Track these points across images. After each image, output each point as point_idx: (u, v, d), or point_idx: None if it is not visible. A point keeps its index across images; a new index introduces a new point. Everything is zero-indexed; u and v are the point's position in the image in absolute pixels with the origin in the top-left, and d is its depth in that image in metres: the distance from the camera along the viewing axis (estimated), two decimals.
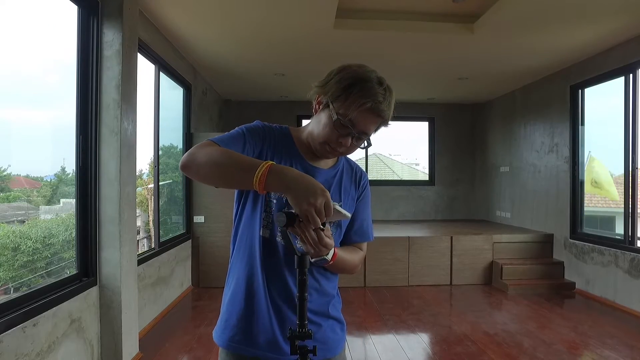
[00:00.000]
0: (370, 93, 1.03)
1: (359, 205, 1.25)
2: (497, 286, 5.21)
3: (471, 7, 3.79)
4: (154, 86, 4.10)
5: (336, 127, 1.05)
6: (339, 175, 1.21)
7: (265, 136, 1.13)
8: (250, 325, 1.11)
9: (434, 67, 5.29)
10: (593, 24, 3.81)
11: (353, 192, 1.24)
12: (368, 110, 1.03)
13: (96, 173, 2.79)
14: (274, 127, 1.18)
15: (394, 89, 1.11)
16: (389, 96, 1.06)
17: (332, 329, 1.20)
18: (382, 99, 1.04)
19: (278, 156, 1.13)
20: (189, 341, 3.45)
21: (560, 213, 5.27)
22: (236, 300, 1.13)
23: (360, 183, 1.26)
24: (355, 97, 1.03)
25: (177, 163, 5.05)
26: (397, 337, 3.59)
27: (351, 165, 1.28)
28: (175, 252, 4.54)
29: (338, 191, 1.20)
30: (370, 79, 1.05)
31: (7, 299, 2.08)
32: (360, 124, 1.05)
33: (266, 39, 4.24)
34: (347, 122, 1.04)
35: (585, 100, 5.02)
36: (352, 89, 1.04)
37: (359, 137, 1.07)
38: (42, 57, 2.71)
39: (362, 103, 1.02)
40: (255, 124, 1.15)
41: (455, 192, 7.75)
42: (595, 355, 3.20)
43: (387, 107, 1.05)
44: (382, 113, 1.05)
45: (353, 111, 1.03)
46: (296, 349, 0.94)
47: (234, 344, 1.12)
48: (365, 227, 1.27)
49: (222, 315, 1.17)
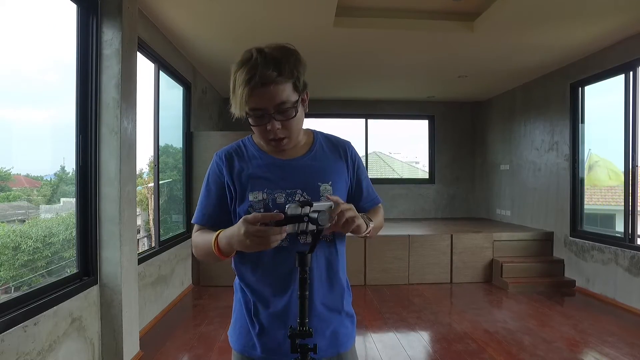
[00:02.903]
0: (240, 80, 1.03)
1: (357, 177, 1.24)
2: (497, 284, 5.22)
3: (471, 5, 3.79)
4: (153, 85, 4.10)
5: (251, 123, 1.08)
6: (317, 157, 1.19)
7: (222, 170, 1.17)
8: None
9: (434, 65, 5.28)
10: (593, 22, 3.81)
11: (343, 168, 1.22)
12: (250, 92, 1.02)
13: (96, 172, 2.79)
14: (233, 149, 1.20)
15: (393, 88, 1.10)
16: (260, 57, 1.03)
17: (344, 323, 1.20)
18: (252, 72, 1.01)
19: (246, 170, 1.15)
20: (189, 340, 3.46)
21: (561, 211, 5.28)
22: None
23: (348, 156, 1.24)
24: (237, 93, 1.04)
25: (176, 162, 5.05)
26: (398, 335, 3.60)
27: (331, 141, 1.26)
28: (176, 251, 4.54)
29: (324, 172, 1.17)
30: (237, 66, 1.06)
31: (8, 298, 2.08)
32: (258, 104, 1.04)
33: (266, 38, 4.19)
34: (250, 113, 1.06)
35: (585, 98, 5.02)
36: (233, 88, 1.06)
37: (274, 114, 1.05)
38: (41, 56, 2.70)
39: (241, 93, 1.03)
40: (212, 166, 1.20)
41: (455, 190, 7.75)
42: (596, 352, 3.21)
43: (264, 69, 1.01)
44: (263, 80, 1.01)
45: (244, 102, 1.03)
46: (296, 348, 0.94)
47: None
48: (372, 194, 1.28)
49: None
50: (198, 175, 5.14)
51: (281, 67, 1.03)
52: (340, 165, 1.21)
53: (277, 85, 1.03)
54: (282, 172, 1.15)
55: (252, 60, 1.03)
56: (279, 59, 1.04)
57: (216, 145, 5.12)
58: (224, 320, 3.89)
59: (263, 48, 1.06)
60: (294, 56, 1.08)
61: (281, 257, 1.10)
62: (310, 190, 1.13)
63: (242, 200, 1.13)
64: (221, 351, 3.20)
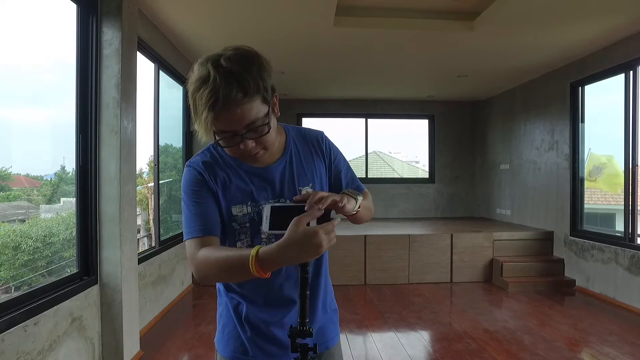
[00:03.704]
0: (201, 103, 0.91)
1: (335, 167, 1.19)
2: (497, 284, 5.22)
3: (471, 5, 3.78)
4: (153, 85, 4.10)
5: (222, 144, 0.98)
6: (293, 160, 1.13)
7: (206, 178, 1.07)
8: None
9: (434, 64, 5.28)
10: (593, 21, 3.81)
11: (319, 163, 1.16)
12: (215, 116, 0.91)
13: (96, 172, 2.79)
14: (208, 158, 1.10)
15: (393, 87, 1.06)
16: (219, 76, 0.90)
17: (331, 319, 1.21)
18: (214, 96, 0.89)
19: (227, 180, 1.07)
20: (189, 339, 3.46)
21: (561, 210, 5.28)
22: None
23: (322, 149, 1.17)
24: (200, 117, 0.92)
25: (176, 162, 5.05)
26: (398, 335, 3.60)
27: (304, 136, 1.18)
28: (176, 251, 4.54)
29: (304, 174, 1.12)
30: (195, 86, 0.93)
31: (8, 298, 2.08)
32: (226, 126, 0.94)
33: (266, 37, 4.23)
34: (219, 135, 0.95)
35: (585, 98, 5.02)
36: (194, 109, 0.94)
37: (245, 134, 0.95)
38: (41, 56, 2.70)
39: (206, 118, 0.91)
40: (190, 177, 1.08)
41: (455, 190, 7.75)
42: (596, 352, 3.21)
43: (226, 92, 0.89)
44: (228, 104, 0.90)
45: (209, 127, 0.93)
46: (297, 347, 0.94)
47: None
48: (354, 182, 1.22)
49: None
50: None
51: (245, 85, 0.91)
52: (317, 161, 1.16)
53: (244, 106, 0.92)
54: (262, 182, 1.09)
55: (211, 80, 0.90)
56: (240, 74, 0.92)
57: None
58: None
59: (219, 60, 0.93)
60: (255, 64, 0.96)
61: None
62: (291, 197, 1.08)
63: (228, 214, 1.06)
64: None
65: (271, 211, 0.94)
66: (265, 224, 0.94)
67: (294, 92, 6.83)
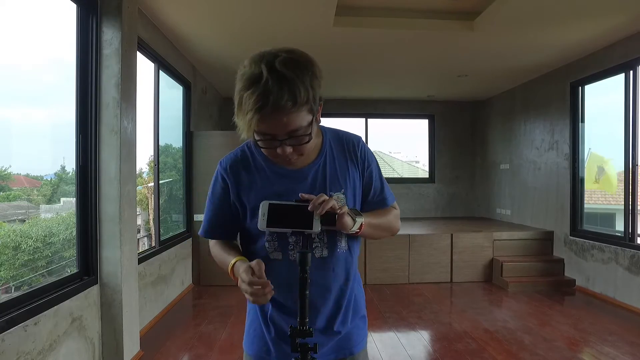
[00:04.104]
0: (249, 104, 0.89)
1: (367, 175, 1.16)
2: (497, 283, 5.22)
3: (471, 5, 3.78)
4: (153, 84, 4.10)
5: (260, 145, 0.98)
6: (327, 163, 1.11)
7: (228, 184, 1.11)
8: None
9: (434, 64, 5.28)
10: (593, 21, 3.81)
11: (353, 169, 1.13)
12: (260, 119, 0.90)
13: (96, 172, 2.79)
14: (238, 159, 1.13)
15: (393, 87, 1.06)
16: (272, 79, 0.88)
17: (357, 325, 1.19)
18: (263, 100, 0.88)
19: (255, 184, 1.09)
20: (189, 339, 3.46)
21: (561, 210, 5.28)
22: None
23: (357, 155, 1.15)
24: (245, 115, 0.91)
25: (175, 162, 5.05)
26: (398, 335, 3.60)
27: (340, 139, 1.16)
28: (176, 251, 4.54)
29: (336, 179, 1.10)
30: (245, 84, 0.91)
31: (8, 298, 2.08)
32: (268, 130, 0.93)
33: (266, 37, 4.23)
34: (260, 137, 0.95)
35: (585, 98, 5.02)
36: (239, 106, 0.92)
37: (285, 140, 0.95)
38: (41, 56, 2.70)
39: (251, 119, 0.90)
40: (216, 177, 1.14)
41: (455, 190, 7.75)
42: (596, 352, 3.21)
43: (277, 98, 0.88)
44: (276, 109, 0.89)
45: (252, 127, 0.92)
46: (297, 347, 0.94)
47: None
48: (380, 193, 1.18)
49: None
50: (198, 175, 5.14)
51: (296, 94, 0.90)
52: (351, 166, 1.13)
53: (291, 115, 0.92)
54: (293, 184, 1.07)
55: (263, 83, 0.88)
56: (293, 81, 0.89)
57: (216, 144, 5.12)
58: (224, 319, 3.89)
59: (274, 62, 0.90)
60: (309, 73, 0.93)
61: (293, 267, 1.07)
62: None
63: (253, 216, 1.08)
64: (221, 351, 3.20)
65: (268, 208, 0.93)
66: (262, 221, 0.94)
67: None
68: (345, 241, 1.12)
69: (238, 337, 3.46)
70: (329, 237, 1.09)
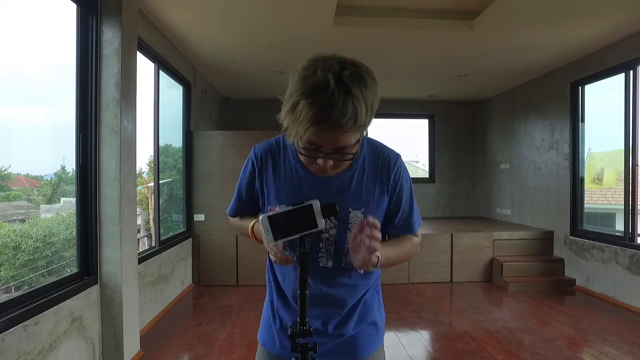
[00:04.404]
0: (308, 115, 0.84)
1: (397, 197, 1.11)
2: (497, 283, 5.22)
3: (471, 4, 3.78)
4: (153, 84, 4.10)
5: (301, 152, 0.94)
6: (355, 176, 1.07)
7: (255, 170, 1.13)
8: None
9: (434, 64, 5.28)
10: (593, 20, 3.81)
11: (381, 187, 1.09)
12: (315, 131, 0.86)
13: (96, 172, 2.79)
14: (270, 150, 1.12)
15: (393, 87, 1.03)
16: (339, 93, 0.84)
17: (365, 330, 1.18)
18: (325, 114, 0.84)
19: (278, 179, 1.09)
20: (190, 339, 3.46)
21: (561, 210, 5.28)
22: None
23: (390, 177, 1.09)
24: (298, 123, 0.86)
25: (175, 162, 5.05)
26: (398, 335, 3.60)
27: (378, 154, 1.10)
28: (176, 251, 4.54)
29: (359, 196, 1.06)
30: (307, 92, 0.85)
31: (9, 298, 2.09)
32: (317, 141, 0.90)
33: (266, 37, 4.23)
34: (305, 145, 0.91)
35: (585, 97, 5.02)
36: (292, 109, 0.87)
37: (330, 154, 0.92)
38: (41, 56, 2.70)
39: (304, 128, 0.86)
40: (247, 162, 1.16)
41: (455, 190, 7.75)
42: (595, 351, 3.21)
43: (340, 116, 0.84)
44: (335, 126, 0.85)
45: (303, 139, 0.88)
46: (297, 347, 0.94)
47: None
48: (407, 219, 1.14)
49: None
50: (198, 175, 5.14)
51: (358, 115, 0.85)
52: (379, 184, 1.09)
53: (347, 134, 0.88)
54: (315, 190, 1.05)
55: (328, 94, 0.83)
56: (358, 100, 0.85)
57: (216, 144, 5.12)
58: (224, 319, 3.89)
59: (341, 73, 0.85)
60: (373, 91, 0.89)
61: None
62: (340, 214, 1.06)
63: (270, 204, 1.11)
64: (221, 350, 3.20)
65: (269, 222, 0.90)
66: (268, 237, 0.91)
67: None
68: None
69: (238, 337, 3.46)
70: (336, 250, 1.09)
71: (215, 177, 5.11)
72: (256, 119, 7.29)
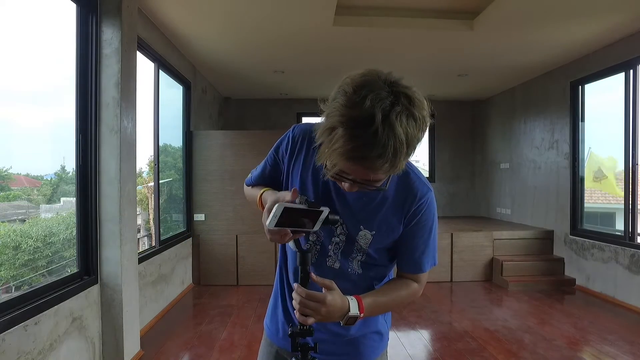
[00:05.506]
0: (344, 148, 0.78)
1: (408, 230, 1.05)
2: (497, 283, 5.22)
3: (471, 4, 3.78)
4: (153, 84, 4.10)
5: (328, 174, 0.89)
6: (375, 199, 1.02)
7: (287, 150, 1.08)
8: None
9: (434, 63, 5.28)
10: (593, 20, 3.81)
11: (398, 218, 1.03)
12: (347, 164, 0.82)
13: (96, 171, 2.79)
14: (308, 135, 1.06)
15: None
16: (384, 135, 0.76)
17: (366, 336, 1.17)
18: (363, 153, 0.78)
19: (304, 172, 1.06)
20: (190, 339, 3.46)
21: (561, 209, 5.28)
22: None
23: (410, 209, 1.03)
24: (332, 152, 0.80)
25: (175, 161, 5.05)
26: (398, 334, 3.60)
27: (407, 183, 1.03)
28: (176, 250, 4.54)
29: (373, 218, 1.03)
30: (349, 121, 0.78)
31: (9, 298, 2.09)
32: (347, 170, 0.84)
33: (265, 36, 4.23)
34: (334, 171, 0.86)
35: (585, 97, 5.02)
36: (326, 134, 0.81)
37: (357, 183, 0.87)
38: (41, 56, 2.70)
39: (336, 160, 0.81)
40: (283, 138, 1.10)
41: (455, 189, 7.75)
42: (596, 350, 3.21)
43: (378, 158, 0.78)
44: (370, 165, 0.80)
45: (333, 162, 0.83)
46: (297, 346, 0.94)
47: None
48: (418, 257, 1.07)
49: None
50: (198, 175, 5.14)
51: (397, 162, 0.80)
52: (397, 217, 1.03)
53: (380, 174, 0.84)
54: (330, 197, 1.04)
55: (370, 133, 0.76)
56: (401, 148, 0.78)
57: (216, 144, 5.12)
58: (224, 319, 3.89)
59: (391, 111, 0.77)
60: (422, 130, 0.82)
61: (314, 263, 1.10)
62: (350, 227, 1.04)
63: (294, 186, 1.08)
64: (222, 350, 3.20)
65: (282, 212, 0.91)
66: (272, 220, 0.92)
67: (294, 92, 6.83)
68: (358, 265, 1.09)
69: (238, 336, 3.46)
70: (343, 254, 1.08)
71: (215, 176, 5.11)
72: (256, 118, 7.29)
